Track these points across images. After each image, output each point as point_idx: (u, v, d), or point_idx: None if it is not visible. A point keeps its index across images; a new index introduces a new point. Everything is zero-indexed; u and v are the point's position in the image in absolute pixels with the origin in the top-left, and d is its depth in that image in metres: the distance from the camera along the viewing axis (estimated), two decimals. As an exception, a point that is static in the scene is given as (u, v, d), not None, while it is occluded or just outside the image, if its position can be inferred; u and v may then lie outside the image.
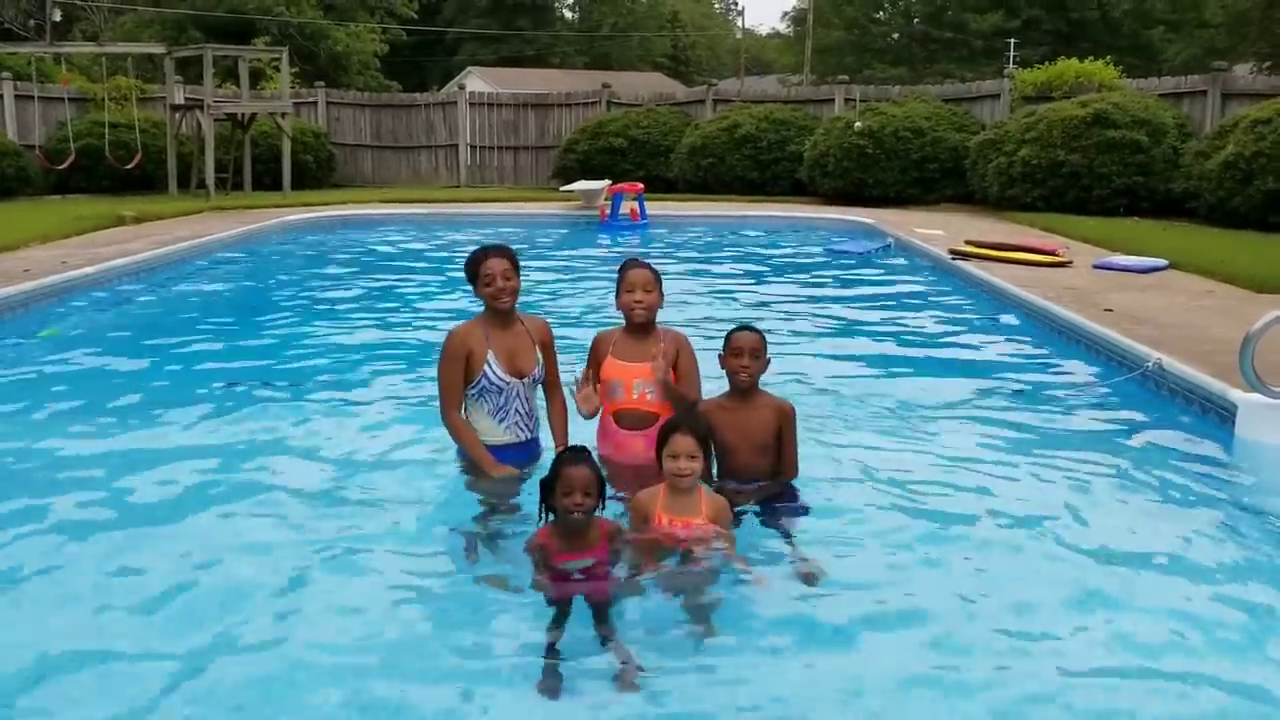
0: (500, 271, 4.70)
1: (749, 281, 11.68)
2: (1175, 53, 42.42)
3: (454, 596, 3.89)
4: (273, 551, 4.23)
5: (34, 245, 12.52)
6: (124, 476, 5.07)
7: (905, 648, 3.51)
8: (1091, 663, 3.42)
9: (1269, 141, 14.35)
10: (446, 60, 58.21)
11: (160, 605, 3.76)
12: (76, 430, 5.78)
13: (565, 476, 3.74)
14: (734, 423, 4.34)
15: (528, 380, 4.80)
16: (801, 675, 3.36)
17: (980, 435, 5.78)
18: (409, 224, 17.19)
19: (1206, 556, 4.24)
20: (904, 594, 3.87)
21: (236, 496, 4.81)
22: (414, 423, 5.76)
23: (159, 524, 4.50)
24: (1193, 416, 6.11)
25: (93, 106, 21.92)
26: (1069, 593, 3.88)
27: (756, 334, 4.58)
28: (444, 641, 3.56)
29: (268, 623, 3.66)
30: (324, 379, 7.02)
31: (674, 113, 23.24)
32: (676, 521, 3.95)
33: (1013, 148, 17.32)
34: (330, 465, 5.23)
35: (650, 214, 17.10)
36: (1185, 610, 3.76)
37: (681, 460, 3.94)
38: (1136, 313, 8.45)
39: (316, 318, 9.64)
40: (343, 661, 3.41)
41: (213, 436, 5.73)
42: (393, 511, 4.63)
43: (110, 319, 9.53)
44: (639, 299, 4.69)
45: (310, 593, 3.89)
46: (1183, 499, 4.87)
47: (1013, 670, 3.39)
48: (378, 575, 4.02)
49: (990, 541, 4.34)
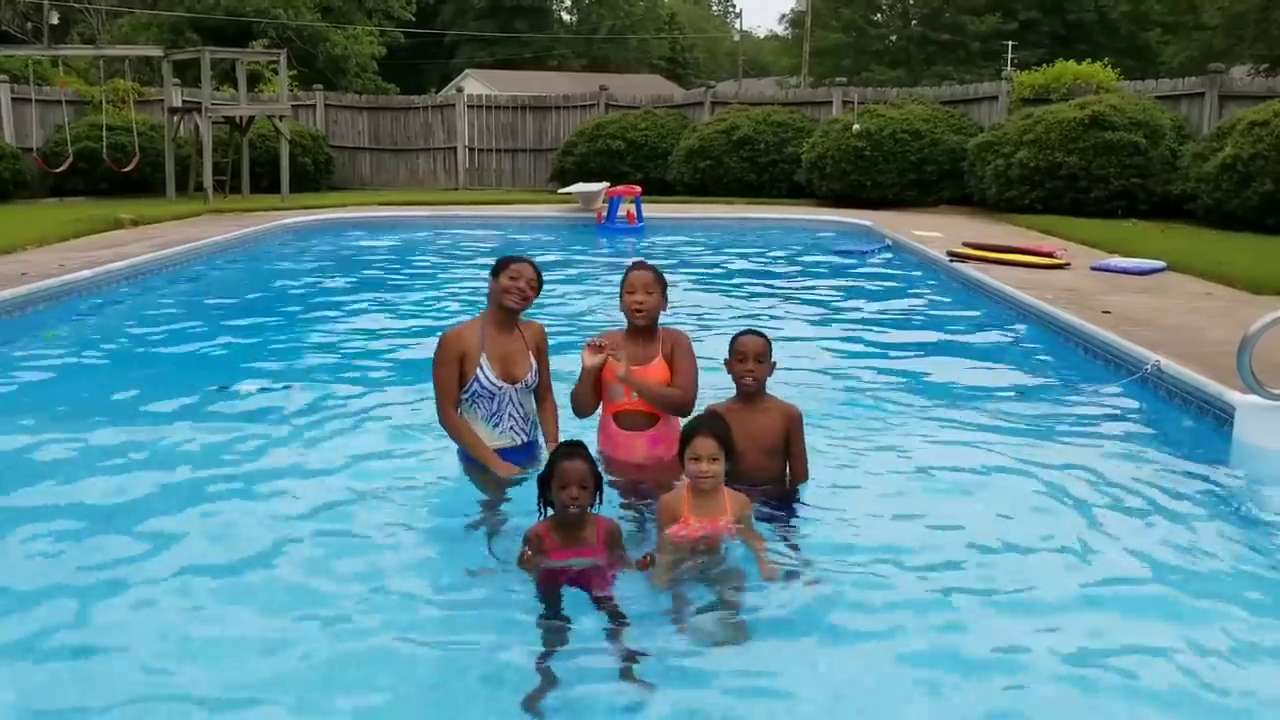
0: (526, 276, 4.78)
1: (746, 283, 11.67)
2: (1173, 55, 42.47)
3: (450, 590, 3.91)
4: (265, 550, 4.23)
5: (31, 248, 12.51)
6: (118, 477, 5.07)
7: (905, 649, 3.50)
8: (1090, 665, 3.41)
9: (1266, 143, 14.36)
10: (444, 63, 58.23)
11: (151, 606, 3.76)
12: (71, 432, 5.77)
13: (561, 471, 3.79)
14: (741, 427, 4.36)
15: (521, 386, 4.81)
16: (803, 676, 3.36)
17: (977, 437, 5.77)
18: (407, 226, 17.19)
19: (1204, 558, 4.23)
20: (904, 596, 3.86)
21: (232, 497, 4.80)
22: (410, 423, 5.76)
23: (152, 524, 4.48)
24: (1191, 418, 6.11)
25: (90, 109, 21.90)
26: (1065, 594, 3.88)
27: (761, 338, 4.60)
28: (438, 636, 3.56)
29: (257, 621, 3.66)
30: (322, 381, 7.00)
31: (672, 115, 23.25)
32: (703, 522, 3.98)
33: (1010, 150, 17.33)
34: (326, 466, 5.23)
35: (648, 216, 17.11)
36: (1182, 612, 3.76)
37: (704, 462, 3.96)
38: (1135, 314, 8.45)
39: (314, 320, 9.64)
40: (336, 657, 3.42)
41: (210, 438, 5.71)
42: (389, 510, 4.63)
43: (108, 322, 9.52)
44: (639, 300, 4.68)
45: (304, 591, 3.88)
46: (1181, 501, 4.86)
47: (1011, 672, 3.38)
48: (374, 574, 4.01)
49: (988, 544, 4.33)
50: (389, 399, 6.51)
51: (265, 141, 21.66)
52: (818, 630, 3.62)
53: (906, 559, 4.15)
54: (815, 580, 3.94)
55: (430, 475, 5.00)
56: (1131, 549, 4.31)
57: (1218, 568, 4.16)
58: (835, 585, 3.90)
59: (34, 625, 3.65)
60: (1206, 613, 3.76)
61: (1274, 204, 14.31)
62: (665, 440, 4.62)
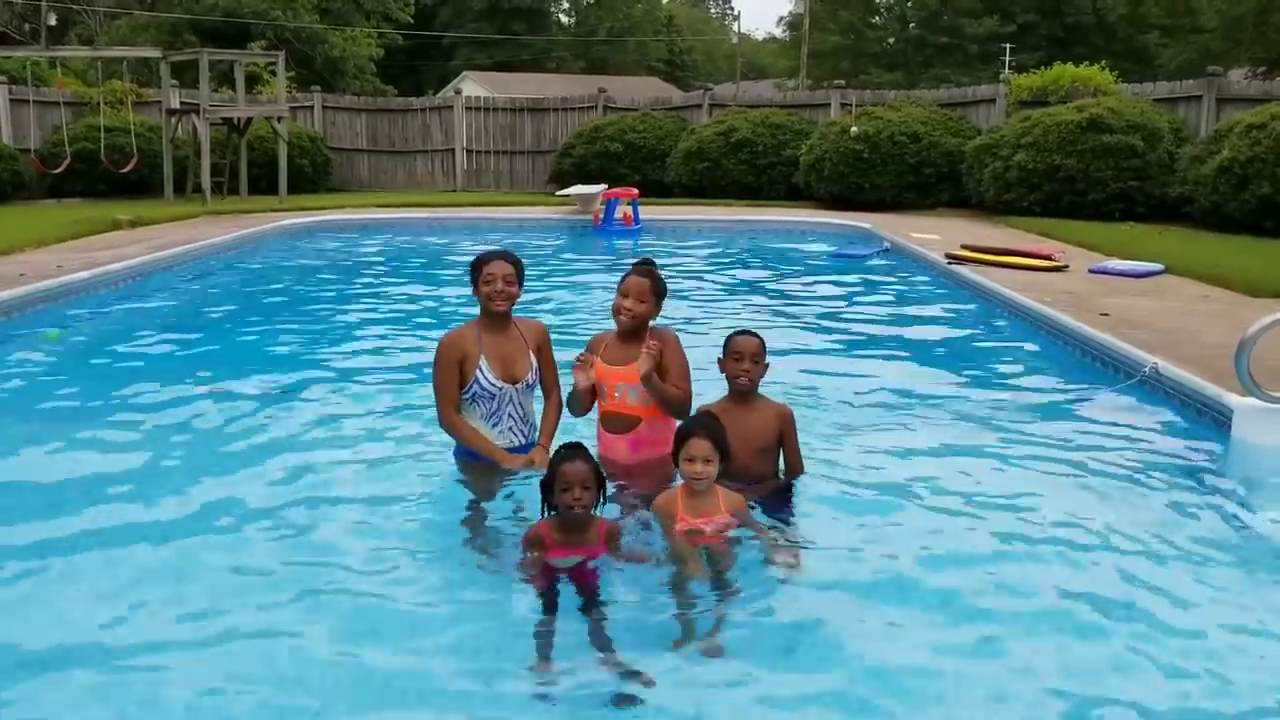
0: (501, 274, 4.72)
1: (743, 285, 11.68)
2: (1170, 58, 42.57)
3: (445, 591, 3.91)
4: (261, 551, 4.24)
5: (29, 249, 12.49)
6: (114, 480, 5.06)
7: (897, 649, 3.50)
8: (1086, 669, 3.41)
9: (1264, 146, 14.38)
10: (443, 65, 58.25)
11: (145, 609, 3.76)
12: (68, 433, 5.76)
13: (563, 472, 3.80)
14: (734, 426, 4.36)
15: (521, 385, 4.80)
16: (793, 676, 3.36)
17: (976, 439, 5.78)
18: (405, 228, 17.19)
19: (1202, 560, 4.23)
20: (897, 595, 3.86)
21: (230, 498, 4.78)
22: (408, 425, 5.77)
23: (147, 527, 4.47)
24: (1189, 421, 6.11)
25: (88, 110, 21.88)
26: (1063, 596, 3.88)
27: (756, 338, 4.63)
28: (436, 639, 3.56)
29: (254, 622, 3.66)
30: (319, 382, 7.00)
31: (670, 117, 23.25)
32: (699, 520, 4.02)
33: (1008, 152, 17.34)
34: (324, 467, 5.23)
35: (646, 218, 17.12)
36: (1180, 614, 3.75)
37: (698, 464, 4.00)
38: (1133, 317, 8.46)
39: (312, 321, 9.64)
40: (333, 659, 3.41)
41: (207, 439, 5.72)
42: (386, 511, 4.63)
43: (105, 323, 9.51)
44: (628, 307, 4.66)
45: (299, 592, 3.88)
46: (1179, 502, 4.86)
47: (1007, 674, 3.38)
48: (371, 576, 4.01)
49: (985, 545, 4.34)
50: (387, 398, 6.52)
51: (263, 143, 21.64)
52: (814, 632, 3.61)
53: (902, 560, 4.15)
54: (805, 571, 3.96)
55: (428, 478, 4.99)
56: (1128, 551, 4.31)
57: (1215, 569, 4.16)
58: (823, 584, 3.91)
59: (19, 628, 3.65)
60: (1204, 615, 3.76)
61: (1271, 207, 14.33)
62: (647, 442, 4.64)
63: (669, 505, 4.08)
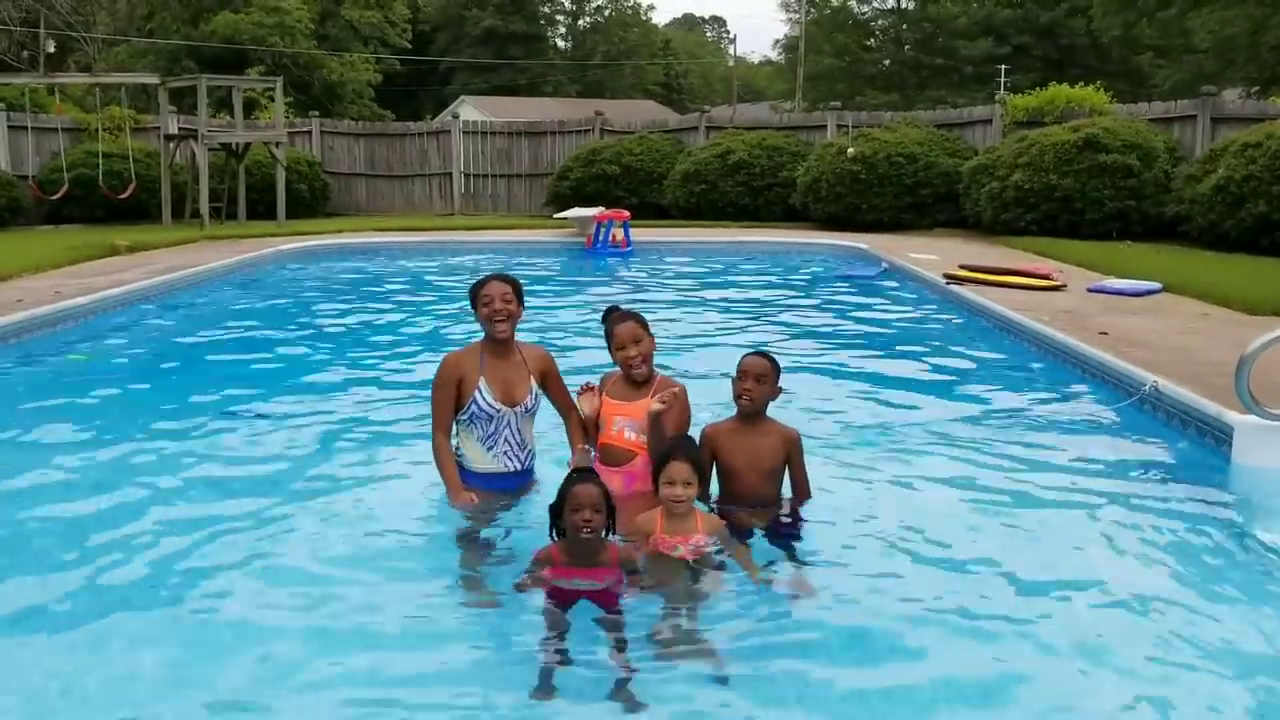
0: (499, 295, 4.72)
1: (737, 306, 11.66)
2: (1164, 78, 42.78)
3: (445, 611, 3.90)
4: (263, 568, 4.24)
5: (27, 275, 12.49)
6: (115, 505, 5.03)
7: (901, 672, 3.49)
8: (1088, 689, 3.39)
9: (1259, 165, 14.43)
10: (440, 89, 58.55)
11: (154, 630, 3.73)
12: (67, 459, 5.74)
13: (574, 494, 3.80)
14: (739, 447, 4.35)
15: (520, 409, 4.79)
16: (795, 696, 3.33)
17: (975, 459, 5.76)
18: (403, 252, 17.19)
19: (1202, 578, 4.21)
20: (902, 618, 3.83)
21: (230, 521, 4.76)
22: (407, 447, 5.75)
23: (152, 550, 4.46)
24: (1189, 439, 6.09)
25: (86, 137, 21.94)
26: (1063, 617, 3.86)
27: (764, 360, 4.61)
28: (438, 657, 3.55)
29: (257, 636, 3.65)
30: (318, 406, 6.98)
31: (667, 140, 23.32)
32: (676, 539, 4.04)
33: (1005, 172, 17.40)
34: (323, 489, 5.22)
35: (641, 240, 17.13)
36: (1181, 633, 3.73)
37: (678, 487, 4.01)
38: (1131, 336, 8.45)
39: (311, 346, 9.62)
40: (336, 676, 3.40)
41: (205, 464, 5.69)
42: (385, 531, 4.63)
43: (103, 348, 9.48)
44: (633, 354, 4.64)
45: (301, 608, 3.87)
46: (1179, 521, 4.84)
47: (1010, 693, 3.36)
48: (370, 587, 4.02)
49: (984, 566, 4.31)
50: (385, 420, 6.51)
51: (261, 168, 21.70)
52: (816, 649, 3.59)
53: (905, 580, 4.14)
54: (814, 593, 3.96)
55: (427, 497, 4.96)
56: (1129, 570, 4.30)
57: (1215, 588, 4.14)
58: (835, 604, 3.90)
59: (23, 650, 3.63)
60: (1205, 633, 3.73)
61: (1268, 225, 14.36)
62: (641, 478, 4.61)
63: (648, 524, 4.11)
